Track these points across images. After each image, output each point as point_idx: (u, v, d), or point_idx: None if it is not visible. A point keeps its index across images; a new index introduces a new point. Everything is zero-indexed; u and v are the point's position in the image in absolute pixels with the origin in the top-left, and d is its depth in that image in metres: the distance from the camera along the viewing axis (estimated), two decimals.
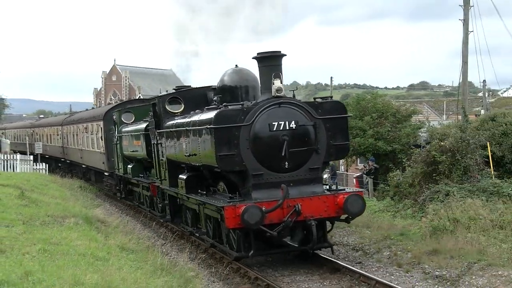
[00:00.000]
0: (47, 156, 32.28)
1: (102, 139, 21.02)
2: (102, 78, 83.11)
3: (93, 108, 35.53)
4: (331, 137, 9.61)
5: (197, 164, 10.62)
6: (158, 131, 12.81)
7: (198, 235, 11.44)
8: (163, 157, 12.67)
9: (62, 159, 31.30)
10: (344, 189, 10.42)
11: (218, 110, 9.35)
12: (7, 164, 26.08)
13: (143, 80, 77.05)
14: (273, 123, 9.03)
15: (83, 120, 25.57)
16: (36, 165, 27.27)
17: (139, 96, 60.68)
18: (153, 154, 13.72)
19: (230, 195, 9.35)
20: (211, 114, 9.60)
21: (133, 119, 17.39)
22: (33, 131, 38.07)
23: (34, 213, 11.77)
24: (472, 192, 11.95)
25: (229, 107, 9.33)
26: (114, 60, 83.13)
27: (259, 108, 9.23)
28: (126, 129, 17.07)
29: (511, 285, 7.72)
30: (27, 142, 34.91)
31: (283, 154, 8.99)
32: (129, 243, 10.63)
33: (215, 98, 10.82)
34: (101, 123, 21.24)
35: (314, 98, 10.46)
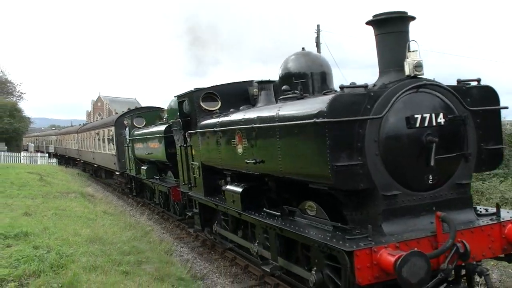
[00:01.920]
0: (67, 157, 40.06)
1: (113, 143, 20.84)
2: (91, 104, 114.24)
3: (85, 124, 39.50)
4: (483, 138, 5.90)
5: (256, 173, 7.20)
6: (189, 132, 9.94)
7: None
8: (194, 161, 9.81)
9: (78, 159, 34.92)
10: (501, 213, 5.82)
11: (334, 95, 5.34)
12: (31, 159, 36.78)
13: (116, 105, 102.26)
14: (415, 116, 5.29)
15: (95, 127, 26.59)
16: (50, 160, 38.44)
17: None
18: (179, 158, 11.17)
19: (334, 223, 5.72)
20: (314, 104, 5.55)
21: (144, 123, 17.45)
22: (57, 138, 46.39)
23: (49, 190, 16.00)
24: None
25: (345, 90, 5.32)
26: (99, 92, 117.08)
27: (393, 92, 5.32)
28: (139, 132, 16.49)
29: None
30: (53, 145, 47.61)
31: (430, 164, 5.31)
32: (109, 209, 14.16)
33: (284, 88, 7.15)
34: (112, 128, 21.06)
35: (460, 81, 6.07)
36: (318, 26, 25.69)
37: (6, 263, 6.64)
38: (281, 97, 7.07)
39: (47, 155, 40.59)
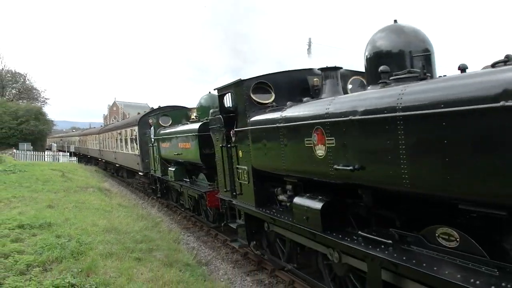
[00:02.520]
0: (89, 156, 38.63)
1: (136, 143, 18.29)
2: (108, 108, 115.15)
3: (101, 126, 38.10)
4: None
5: (338, 181, 4.96)
6: (236, 130, 7.71)
7: None
8: (241, 165, 7.61)
9: (99, 159, 33.23)
10: None
11: None
12: (54, 158, 36.50)
13: (130, 109, 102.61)
14: None
15: (117, 127, 24.40)
16: (71, 158, 37.85)
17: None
18: (219, 160, 8.70)
19: (498, 263, 3.34)
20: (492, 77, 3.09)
21: (170, 122, 15.29)
22: (80, 138, 44.48)
23: (69, 185, 16.37)
24: None
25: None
26: (115, 98, 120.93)
27: None
28: (165, 131, 14.34)
29: None
30: (73, 145, 47.40)
31: None
32: (123, 202, 14.61)
33: (382, 68, 4.70)
34: (136, 128, 18.58)
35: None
36: (309, 39, 26.05)
37: (32, 250, 6.76)
38: (392, 77, 4.62)
39: (68, 154, 40.70)
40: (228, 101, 8.40)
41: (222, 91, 8.40)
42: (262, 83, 7.39)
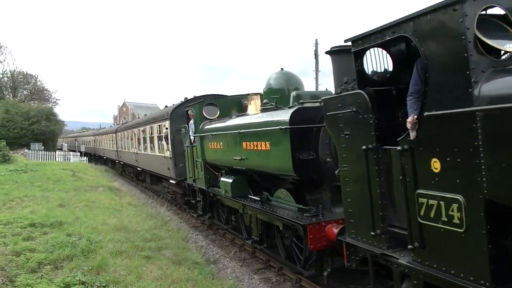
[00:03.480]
0: (105, 158, 36.20)
1: (168, 141, 14.27)
2: (118, 108, 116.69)
3: (123, 122, 35.05)
4: None
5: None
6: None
7: None
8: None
9: (117, 161, 29.96)
10: None
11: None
12: (65, 157, 36.85)
13: (139, 110, 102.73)
14: None
15: (140, 124, 20.47)
16: (81, 158, 37.60)
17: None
18: (347, 173, 4.91)
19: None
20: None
21: (218, 114, 10.99)
22: (95, 138, 41.43)
23: (80, 184, 16.37)
24: None
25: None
26: (124, 98, 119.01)
27: None
28: (214, 126, 10.11)
29: None
30: (84, 145, 47.08)
31: None
32: (133, 201, 14.54)
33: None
34: (167, 123, 14.43)
35: None
36: (316, 40, 26.27)
37: (43, 249, 6.82)
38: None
39: (78, 154, 41.02)
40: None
41: (366, 41, 4.92)
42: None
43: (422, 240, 3.85)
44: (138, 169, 22.11)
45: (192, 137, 11.49)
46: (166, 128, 14.60)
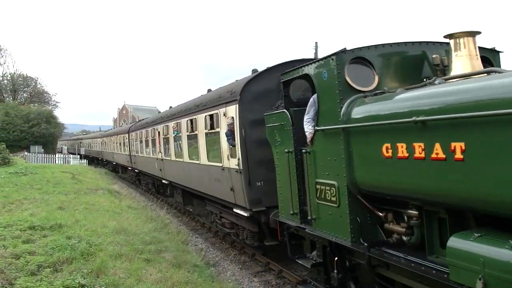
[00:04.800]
0: (114, 163, 30.80)
1: (235, 141, 8.11)
2: (117, 111, 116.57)
3: (140, 120, 25.13)
4: None
5: None
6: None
7: None
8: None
9: (129, 168, 23.61)
10: None
11: None
12: (65, 160, 36.52)
13: (139, 113, 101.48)
14: None
15: (169, 117, 13.90)
16: (81, 161, 37.34)
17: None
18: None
19: None
20: None
21: (375, 82, 4.95)
22: (103, 140, 35.43)
23: (80, 187, 16.28)
24: None
25: None
26: (124, 101, 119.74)
27: None
28: (406, 105, 4.05)
29: None
30: (83, 148, 46.07)
31: None
32: (133, 204, 14.41)
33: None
34: (232, 109, 8.26)
35: None
36: (316, 43, 26.30)
37: (43, 251, 6.80)
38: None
39: (78, 156, 41.00)
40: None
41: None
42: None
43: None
44: (164, 181, 15.22)
45: (311, 130, 5.51)
46: (231, 118, 8.18)
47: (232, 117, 8.12)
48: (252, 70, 9.11)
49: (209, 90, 11.89)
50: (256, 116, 7.53)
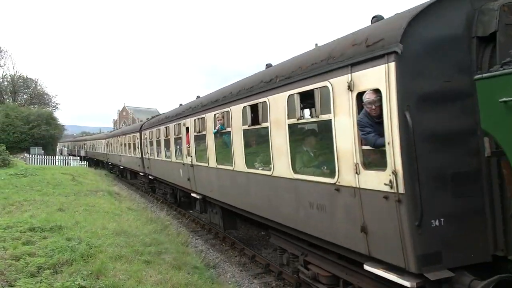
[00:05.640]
0: (121, 167, 26.77)
1: (394, 133, 4.05)
2: (117, 113, 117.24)
3: (155, 115, 20.20)
4: None
5: None
6: None
7: None
8: None
9: (141, 173, 19.87)
10: None
11: None
12: (65, 162, 36.50)
13: (139, 114, 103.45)
14: None
15: (211, 104, 9.49)
16: (81, 162, 37.29)
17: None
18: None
19: None
20: None
21: None
22: (108, 141, 31.48)
23: (80, 188, 16.21)
24: None
25: None
26: (124, 103, 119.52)
27: None
28: None
29: None
30: (84, 149, 46.07)
31: None
32: (133, 206, 14.31)
33: None
34: (378, 72, 4.23)
35: None
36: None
37: (43, 253, 6.79)
38: None
39: (78, 158, 41.03)
40: None
41: None
42: None
43: None
44: (195, 195, 11.23)
45: None
46: (372, 93, 4.46)
47: (377, 91, 4.29)
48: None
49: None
50: (433, 87, 4.12)
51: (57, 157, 38.62)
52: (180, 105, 13.96)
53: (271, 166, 6.51)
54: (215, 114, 9.06)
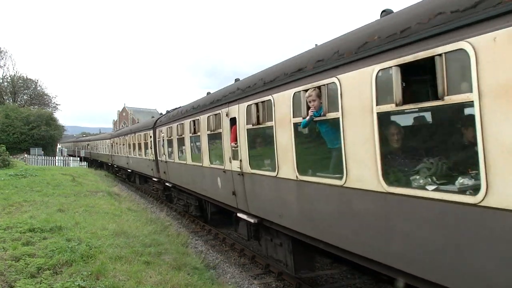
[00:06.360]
0: (129, 171, 23.92)
1: None
2: (117, 113, 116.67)
3: (165, 113, 16.90)
4: None
5: None
6: None
7: None
8: None
9: (154, 178, 16.86)
10: None
11: None
12: (65, 162, 36.48)
13: (139, 115, 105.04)
14: None
15: (297, 73, 5.63)
16: (81, 163, 37.26)
17: None
18: None
19: None
20: None
21: None
22: (113, 141, 28.66)
23: (80, 189, 16.21)
24: None
25: None
26: (124, 103, 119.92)
27: None
28: None
29: None
30: (83, 150, 45.71)
31: None
32: (132, 206, 14.33)
33: None
34: None
35: None
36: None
37: (43, 253, 6.79)
38: None
39: (78, 159, 41.01)
40: None
41: None
42: None
43: None
44: (243, 216, 7.93)
45: None
46: None
47: None
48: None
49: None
50: None
51: (57, 157, 38.57)
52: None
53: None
54: (295, 93, 5.59)
